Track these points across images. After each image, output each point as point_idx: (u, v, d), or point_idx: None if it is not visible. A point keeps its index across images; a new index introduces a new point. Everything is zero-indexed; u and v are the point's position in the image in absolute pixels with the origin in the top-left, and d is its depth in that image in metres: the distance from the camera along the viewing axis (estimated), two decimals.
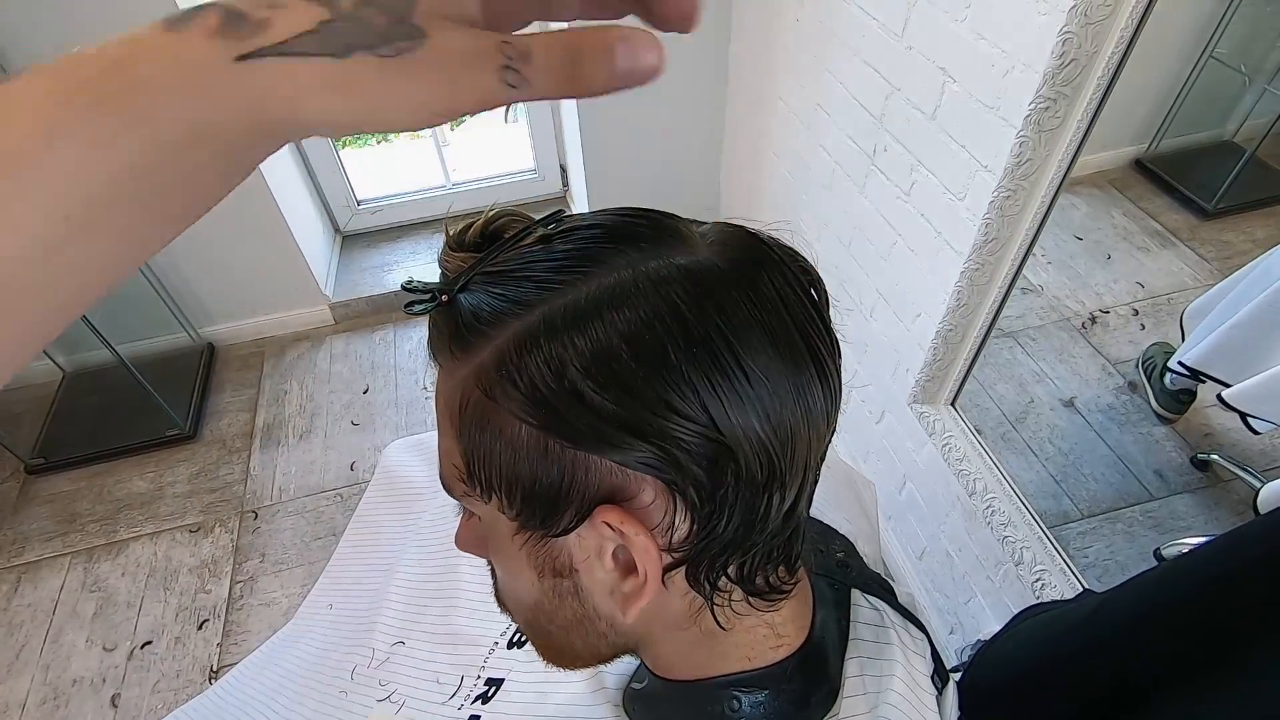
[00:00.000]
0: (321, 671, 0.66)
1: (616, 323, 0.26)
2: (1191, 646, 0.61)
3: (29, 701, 1.50)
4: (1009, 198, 0.96)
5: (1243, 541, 0.65)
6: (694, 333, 0.26)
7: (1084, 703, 0.68)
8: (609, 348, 0.26)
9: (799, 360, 0.28)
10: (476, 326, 0.29)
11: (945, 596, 1.41)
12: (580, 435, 0.27)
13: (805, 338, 0.29)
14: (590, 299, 0.27)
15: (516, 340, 0.27)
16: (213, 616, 1.62)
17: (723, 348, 0.27)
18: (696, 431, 0.26)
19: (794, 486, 0.30)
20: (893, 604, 0.44)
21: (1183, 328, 1.41)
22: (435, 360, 0.32)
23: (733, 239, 0.30)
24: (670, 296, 0.27)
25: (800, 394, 0.28)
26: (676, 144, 2.15)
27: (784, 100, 1.66)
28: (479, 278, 0.30)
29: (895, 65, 1.18)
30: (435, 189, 2.55)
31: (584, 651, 0.35)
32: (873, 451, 1.58)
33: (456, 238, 0.33)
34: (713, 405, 0.26)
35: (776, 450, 0.28)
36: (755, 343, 0.27)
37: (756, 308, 0.28)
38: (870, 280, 1.43)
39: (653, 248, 0.29)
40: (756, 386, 0.27)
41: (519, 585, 0.34)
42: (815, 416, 0.29)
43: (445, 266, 0.32)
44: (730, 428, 0.27)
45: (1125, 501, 1.36)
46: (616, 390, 0.26)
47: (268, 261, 2.08)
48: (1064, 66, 0.81)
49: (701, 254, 0.29)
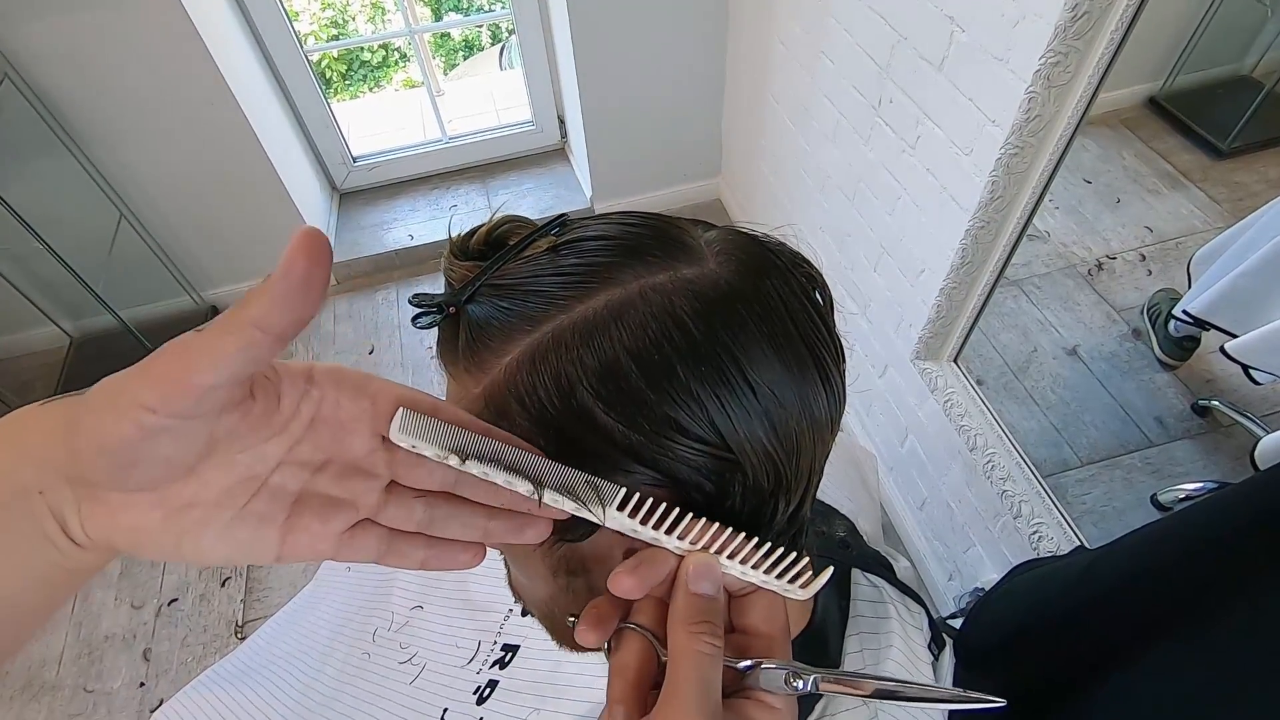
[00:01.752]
0: (344, 632, 0.69)
1: (624, 339, 0.27)
2: (1180, 605, 0.63)
3: (65, 656, 1.56)
4: (1016, 155, 0.95)
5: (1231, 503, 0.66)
6: (701, 350, 0.27)
7: (1075, 658, 0.70)
8: (617, 366, 0.27)
9: (804, 369, 0.29)
10: (486, 341, 0.29)
11: (944, 545, 1.45)
12: (588, 460, 0.27)
13: (810, 346, 0.29)
14: (598, 315, 0.27)
15: (526, 358, 0.28)
16: (235, 574, 1.68)
17: (729, 363, 0.27)
18: (704, 450, 0.27)
19: (799, 491, 0.31)
20: (891, 580, 0.46)
21: (1190, 274, 1.40)
22: (445, 368, 0.33)
23: (738, 248, 0.30)
24: (677, 311, 0.27)
25: (805, 403, 0.29)
26: (677, 93, 2.10)
27: (785, 46, 1.61)
28: (486, 289, 0.30)
29: (902, 13, 1.14)
30: (432, 143, 2.50)
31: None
32: (875, 406, 1.60)
33: (460, 245, 0.33)
34: (720, 420, 0.27)
35: (782, 459, 0.29)
36: (761, 355, 0.28)
37: (762, 320, 0.28)
38: (874, 234, 1.42)
39: (659, 260, 0.29)
40: (763, 399, 0.28)
41: (533, 582, 0.35)
42: (820, 424, 0.30)
43: (450, 276, 0.32)
44: (737, 441, 0.27)
45: (1125, 448, 1.37)
46: (625, 410, 0.27)
47: (266, 222, 2.06)
48: (1076, 19, 0.79)
49: (708, 266, 0.29)
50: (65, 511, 0.23)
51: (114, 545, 0.24)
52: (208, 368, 0.20)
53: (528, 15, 2.12)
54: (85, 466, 0.22)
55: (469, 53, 5.19)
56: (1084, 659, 0.69)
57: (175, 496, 0.23)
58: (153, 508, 0.23)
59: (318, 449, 0.26)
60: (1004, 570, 1.13)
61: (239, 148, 1.86)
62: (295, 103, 2.16)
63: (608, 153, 2.20)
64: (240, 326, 0.20)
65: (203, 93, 1.72)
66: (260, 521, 0.25)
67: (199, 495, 0.24)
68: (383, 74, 5.08)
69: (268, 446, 0.25)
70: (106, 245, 1.84)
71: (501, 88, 3.33)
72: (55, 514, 0.23)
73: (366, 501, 0.27)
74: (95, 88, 1.67)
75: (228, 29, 1.83)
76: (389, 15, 5.02)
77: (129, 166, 1.83)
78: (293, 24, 2.02)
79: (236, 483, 0.25)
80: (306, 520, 0.26)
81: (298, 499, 0.26)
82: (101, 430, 0.21)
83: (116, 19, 1.56)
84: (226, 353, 0.20)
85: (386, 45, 4.97)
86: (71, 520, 0.23)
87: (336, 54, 4.78)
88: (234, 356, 0.20)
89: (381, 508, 0.27)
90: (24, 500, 0.23)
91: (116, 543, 0.24)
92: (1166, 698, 0.61)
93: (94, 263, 1.76)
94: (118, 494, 0.23)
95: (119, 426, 0.20)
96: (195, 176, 1.91)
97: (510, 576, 0.39)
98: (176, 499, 0.23)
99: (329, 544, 0.27)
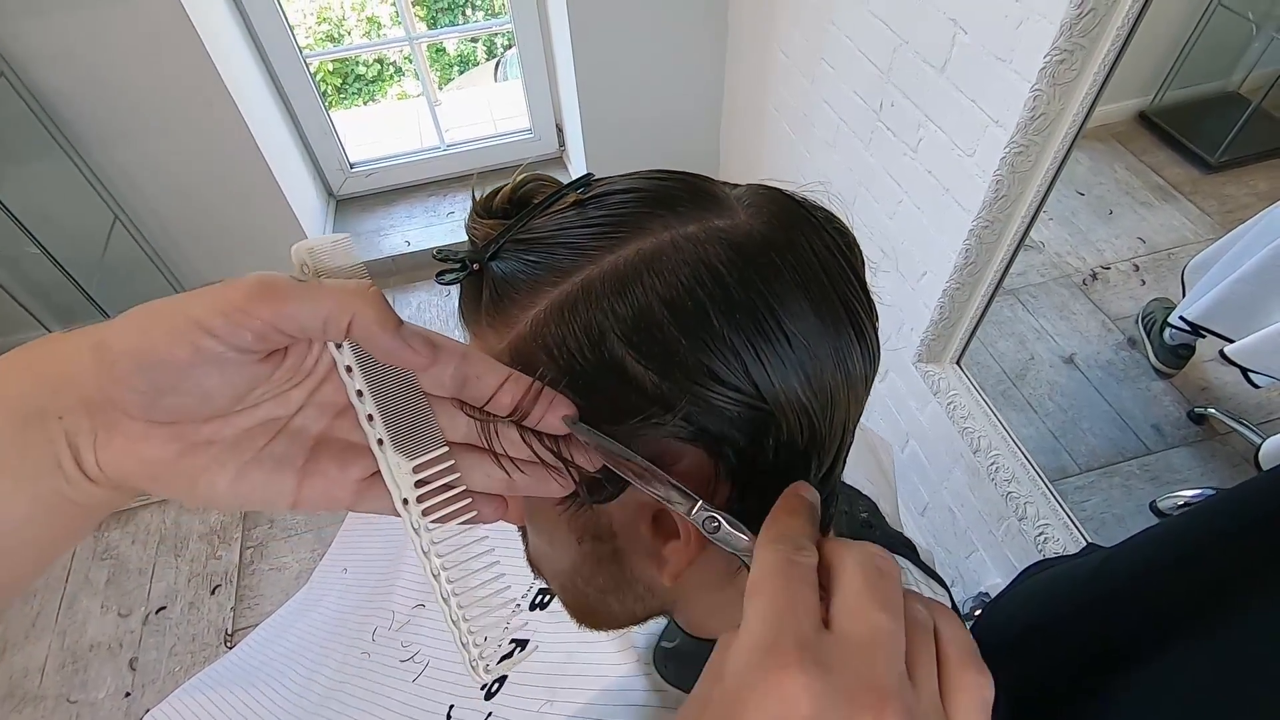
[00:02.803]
0: (341, 633, 0.67)
1: (657, 288, 0.26)
2: (1199, 601, 0.62)
3: (48, 665, 1.52)
4: (1020, 154, 0.95)
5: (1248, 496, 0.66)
6: (735, 297, 0.26)
7: (1089, 657, 0.69)
8: (651, 314, 0.26)
9: (838, 323, 0.28)
10: (512, 295, 0.28)
11: (947, 551, 1.44)
12: (620, 414, 0.26)
13: (844, 300, 0.29)
14: (630, 264, 0.27)
15: (554, 309, 0.27)
16: (225, 582, 1.64)
17: (765, 312, 0.26)
18: (739, 400, 0.26)
19: (832, 450, 0.30)
20: (915, 561, 0.45)
21: (1184, 283, 1.42)
22: (467, 328, 0.32)
23: (769, 201, 0.30)
24: (711, 261, 0.27)
25: (840, 357, 0.28)
26: (676, 100, 2.11)
27: (786, 54, 1.62)
28: (511, 245, 0.29)
29: (903, 16, 1.15)
30: (430, 150, 2.50)
31: (619, 613, 0.36)
32: (876, 409, 1.59)
33: (484, 204, 0.32)
34: (755, 370, 0.26)
35: (817, 414, 0.28)
36: (796, 306, 0.27)
37: (796, 271, 0.28)
38: (875, 239, 1.42)
39: (690, 211, 0.28)
40: (798, 350, 0.27)
41: (556, 549, 0.34)
42: (854, 379, 0.29)
43: (474, 234, 0.32)
44: (773, 393, 0.27)
45: (1123, 456, 1.38)
46: (659, 359, 0.26)
47: (262, 228, 2.05)
48: (1082, 17, 0.79)
49: (739, 217, 0.29)
50: (80, 440, 0.22)
51: (126, 479, 0.23)
52: (297, 316, 0.21)
53: (527, 23, 2.13)
54: (117, 387, 0.21)
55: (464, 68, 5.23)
56: (1098, 657, 0.68)
57: (194, 433, 0.23)
58: (170, 441, 0.22)
59: (341, 391, 0.25)
60: (1008, 575, 1.12)
61: (236, 151, 1.85)
62: (293, 108, 2.16)
63: (606, 160, 2.21)
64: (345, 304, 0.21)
65: (201, 95, 1.71)
66: (278, 464, 0.24)
67: (218, 433, 0.23)
68: (378, 88, 5.11)
69: (293, 391, 0.24)
70: (100, 247, 1.82)
71: (499, 99, 3.35)
72: (70, 441, 0.22)
73: None
74: (93, 87, 1.66)
75: (227, 32, 1.83)
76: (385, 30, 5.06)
77: (125, 168, 1.81)
78: (291, 28, 2.02)
79: (258, 424, 0.24)
80: (325, 464, 0.25)
81: (317, 443, 0.26)
82: (149, 348, 0.20)
83: (116, 18, 1.56)
84: (322, 313, 0.21)
85: (382, 59, 5.00)
86: (86, 450, 0.22)
87: (332, 67, 4.80)
88: (324, 322, 0.21)
89: None
90: (39, 424, 0.22)
91: (129, 476, 0.23)
92: (1186, 695, 0.60)
93: (86, 265, 1.74)
94: (139, 424, 0.22)
95: (172, 345, 0.20)
96: (191, 179, 1.89)
97: (529, 548, 0.38)
98: (195, 435, 0.23)
99: (346, 491, 0.26)
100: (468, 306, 0.31)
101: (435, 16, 5.08)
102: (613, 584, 0.33)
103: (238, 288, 0.21)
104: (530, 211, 0.30)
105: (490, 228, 0.31)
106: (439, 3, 5.07)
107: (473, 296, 0.31)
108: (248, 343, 0.21)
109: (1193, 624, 0.61)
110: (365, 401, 0.25)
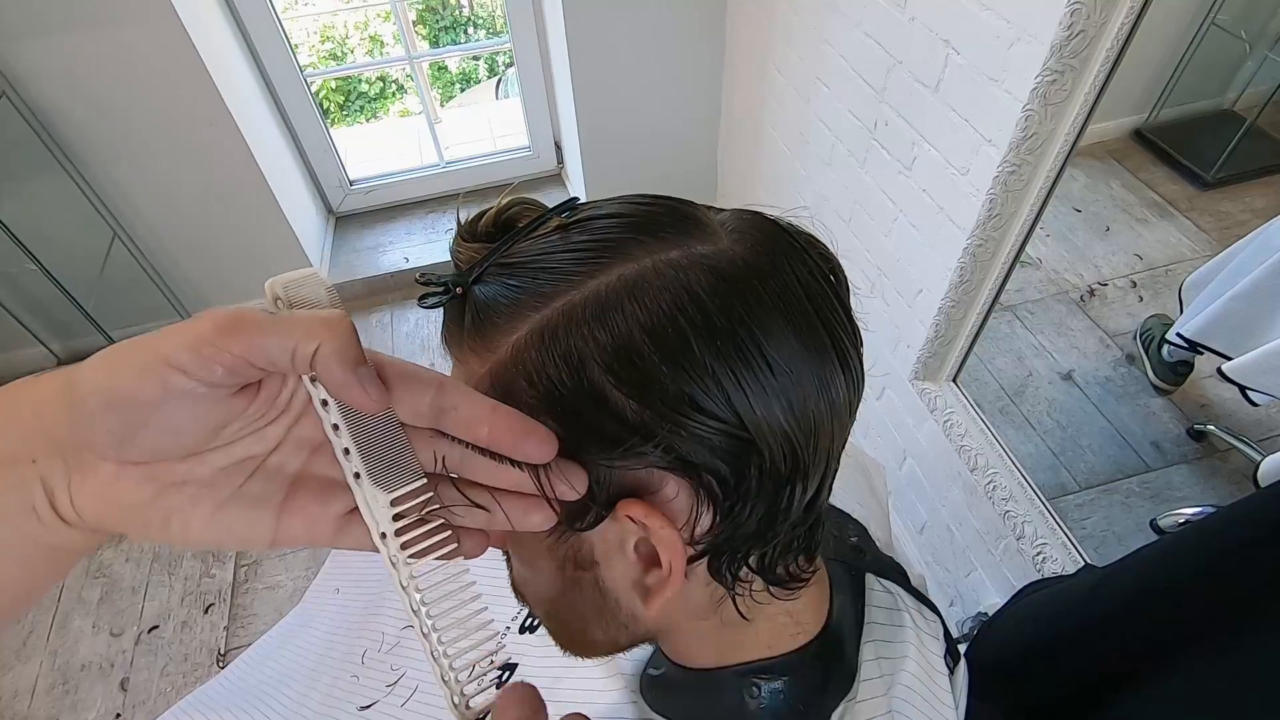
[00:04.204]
0: (331, 655, 0.67)
1: (638, 315, 0.26)
2: (1193, 620, 0.62)
3: (38, 687, 1.51)
4: (1014, 173, 0.95)
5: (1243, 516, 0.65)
6: (717, 324, 0.26)
7: (1087, 677, 0.68)
8: (631, 341, 0.26)
9: (822, 350, 0.28)
10: (494, 320, 0.28)
11: (945, 570, 1.43)
12: (600, 442, 0.26)
13: (828, 326, 0.28)
14: (611, 290, 0.27)
15: (535, 335, 0.27)
16: (218, 600, 1.63)
17: (746, 339, 0.26)
18: (720, 429, 0.26)
19: (816, 477, 0.29)
20: (906, 587, 0.44)
21: (1181, 299, 1.42)
22: (450, 353, 0.32)
23: (753, 226, 0.30)
24: (692, 287, 0.26)
25: (824, 384, 0.28)
26: (673, 119, 2.12)
27: (781, 73, 1.64)
28: (494, 269, 0.29)
29: (897, 37, 1.16)
30: (429, 168, 2.51)
31: (603, 641, 0.35)
32: (873, 428, 1.59)
33: (468, 227, 0.32)
34: (737, 398, 0.26)
35: (800, 442, 0.28)
36: (779, 333, 0.27)
37: (779, 297, 0.27)
38: (871, 257, 1.42)
39: (673, 237, 0.28)
40: (781, 378, 0.27)
41: (538, 577, 0.33)
42: (839, 406, 0.29)
43: (457, 257, 0.31)
44: (755, 421, 0.26)
45: (1122, 473, 1.37)
46: (639, 387, 0.26)
47: (261, 244, 2.06)
48: (1072, 38, 0.80)
49: (722, 243, 0.28)
50: (55, 483, 0.22)
51: (101, 522, 0.23)
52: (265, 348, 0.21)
53: (526, 42, 2.15)
54: (87, 427, 0.21)
55: (465, 85, 5.27)
56: (1095, 678, 0.68)
57: (168, 472, 0.22)
58: (143, 481, 0.22)
59: (319, 426, 0.25)
60: (1007, 594, 1.11)
61: (236, 169, 1.86)
62: (294, 126, 2.18)
63: (604, 178, 2.22)
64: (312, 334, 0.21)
65: (201, 114, 1.73)
66: (255, 503, 0.24)
67: (193, 472, 0.23)
68: (380, 105, 5.15)
69: (270, 427, 0.24)
70: (98, 264, 1.82)
71: (499, 116, 3.37)
72: (45, 485, 0.22)
73: None
74: (93, 106, 1.67)
75: (228, 51, 1.84)
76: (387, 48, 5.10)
77: (124, 185, 1.82)
78: (291, 45, 2.04)
79: (234, 462, 0.24)
80: (304, 501, 0.25)
81: (295, 480, 0.25)
82: (117, 386, 0.20)
83: (117, 38, 1.57)
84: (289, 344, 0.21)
85: (384, 76, 5.04)
86: (60, 493, 0.22)
87: (335, 85, 4.84)
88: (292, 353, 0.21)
89: None
90: (13, 469, 0.22)
91: (104, 519, 0.22)
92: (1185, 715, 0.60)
93: (85, 282, 1.74)
94: (111, 465, 0.22)
95: (141, 383, 0.20)
96: (190, 197, 1.90)
97: (512, 574, 0.37)
98: (169, 475, 0.22)
99: (327, 528, 0.25)
100: (450, 330, 0.31)
101: (437, 35, 5.13)
102: (595, 612, 0.33)
103: (205, 321, 0.20)
104: (514, 235, 0.30)
105: (474, 251, 0.31)
106: (441, 21, 5.12)
107: (456, 320, 0.31)
108: (218, 377, 0.20)
109: (1192, 643, 0.61)
110: (341, 435, 0.25)
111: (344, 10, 5.03)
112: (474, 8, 5.13)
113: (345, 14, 4.97)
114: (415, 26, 5.00)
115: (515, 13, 2.09)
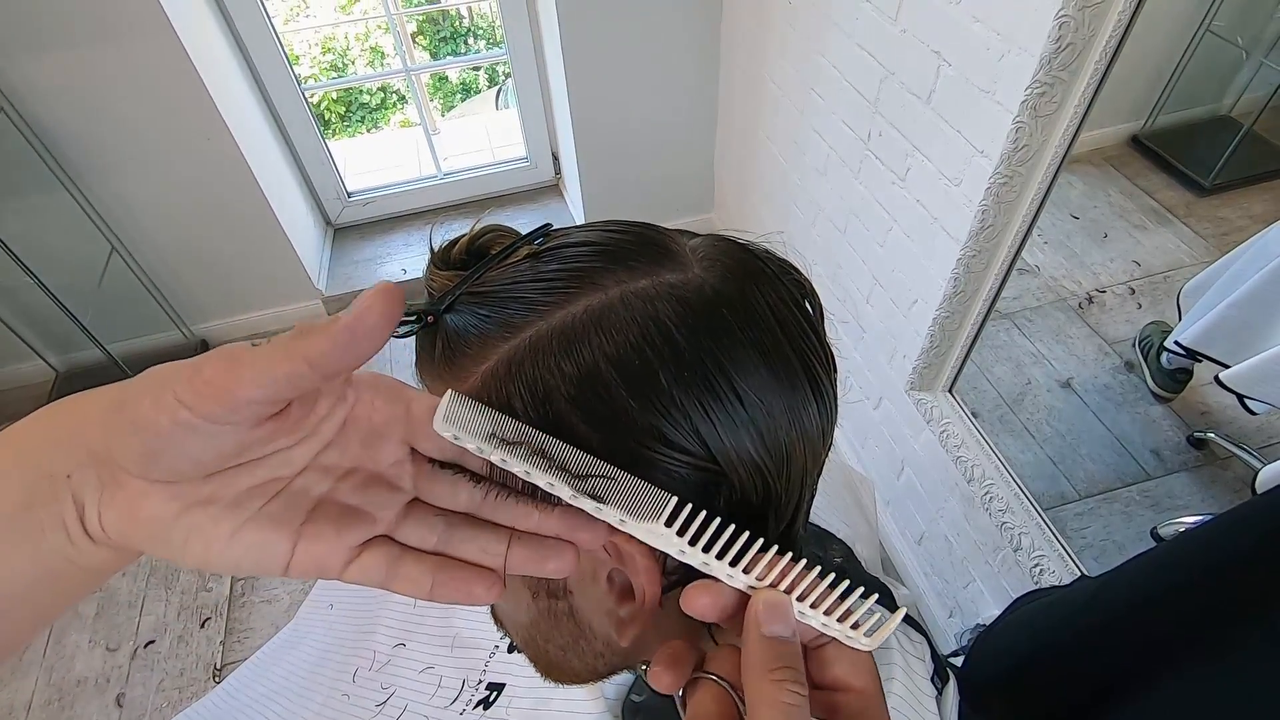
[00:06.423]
0: (323, 673, 0.66)
1: (605, 347, 0.26)
2: (1190, 630, 0.61)
3: (34, 702, 1.50)
4: (1005, 184, 0.95)
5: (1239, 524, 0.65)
6: (684, 355, 0.26)
7: (1084, 688, 0.68)
8: (597, 373, 0.25)
9: (793, 379, 0.28)
10: (464, 349, 0.28)
11: (944, 581, 1.42)
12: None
13: (799, 354, 0.28)
14: (578, 321, 0.26)
15: (504, 365, 0.27)
16: (215, 614, 1.62)
17: (715, 371, 0.26)
18: (688, 462, 0.26)
19: (790, 507, 0.29)
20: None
21: (1179, 306, 1.41)
22: (423, 382, 0.32)
23: (724, 254, 0.30)
24: (660, 318, 0.26)
25: (795, 414, 0.28)
26: (669, 129, 2.13)
27: (776, 84, 1.64)
28: (466, 297, 0.29)
29: (889, 48, 1.17)
30: (427, 179, 2.52)
31: (581, 670, 0.35)
32: (870, 438, 1.58)
33: (441, 256, 0.32)
34: (705, 430, 0.26)
35: (772, 472, 0.27)
36: (748, 363, 0.27)
37: (749, 327, 0.27)
38: (866, 266, 1.42)
39: (642, 265, 0.28)
40: (750, 409, 0.26)
41: (514, 606, 0.33)
42: (811, 435, 0.29)
43: (430, 286, 0.31)
44: (724, 453, 0.26)
45: (1122, 481, 1.36)
46: (605, 420, 0.25)
47: (258, 256, 2.06)
48: (1060, 51, 0.80)
49: (692, 272, 0.28)
50: (86, 497, 0.22)
51: (125, 539, 0.23)
52: (250, 383, 0.20)
53: (523, 54, 2.16)
54: (116, 443, 0.22)
55: (466, 95, 5.29)
56: (1092, 689, 0.67)
57: (194, 491, 0.23)
58: (169, 499, 0.22)
59: (345, 454, 0.25)
60: (1005, 605, 1.10)
61: (233, 182, 1.87)
62: (291, 138, 2.19)
63: (601, 188, 2.23)
64: (294, 357, 0.20)
65: (199, 128, 1.73)
66: (275, 525, 0.24)
67: (218, 493, 0.23)
68: (381, 115, 5.17)
69: (296, 450, 0.24)
70: (96, 278, 1.83)
71: (497, 126, 3.38)
72: (76, 500, 0.22)
73: (386, 515, 0.25)
74: (91, 121, 1.68)
75: (225, 65, 1.85)
76: (388, 59, 5.13)
77: (122, 199, 1.83)
78: (289, 58, 2.05)
79: (259, 483, 0.24)
80: (322, 528, 0.25)
81: (316, 506, 0.25)
82: (139, 411, 0.21)
83: (114, 54, 1.58)
84: (273, 375, 0.20)
85: (385, 87, 5.07)
86: (90, 508, 0.22)
87: (336, 96, 4.86)
88: (280, 381, 0.20)
89: (399, 524, 0.26)
90: (49, 484, 0.22)
91: (128, 535, 0.23)
92: None
93: (83, 295, 1.75)
94: (139, 481, 0.22)
95: (154, 414, 0.20)
96: (188, 210, 1.91)
97: (492, 605, 0.37)
98: (195, 494, 0.23)
99: (340, 558, 0.25)
100: (422, 360, 0.31)
101: (437, 46, 5.16)
102: (570, 640, 0.33)
103: (204, 361, 0.21)
104: (485, 264, 0.30)
105: (447, 279, 0.31)
106: (440, 32, 5.15)
107: (427, 350, 0.30)
108: (222, 415, 0.21)
109: (1191, 651, 0.60)
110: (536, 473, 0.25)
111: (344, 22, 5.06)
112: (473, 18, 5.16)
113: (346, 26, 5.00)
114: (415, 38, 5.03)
115: (511, 25, 2.10)
